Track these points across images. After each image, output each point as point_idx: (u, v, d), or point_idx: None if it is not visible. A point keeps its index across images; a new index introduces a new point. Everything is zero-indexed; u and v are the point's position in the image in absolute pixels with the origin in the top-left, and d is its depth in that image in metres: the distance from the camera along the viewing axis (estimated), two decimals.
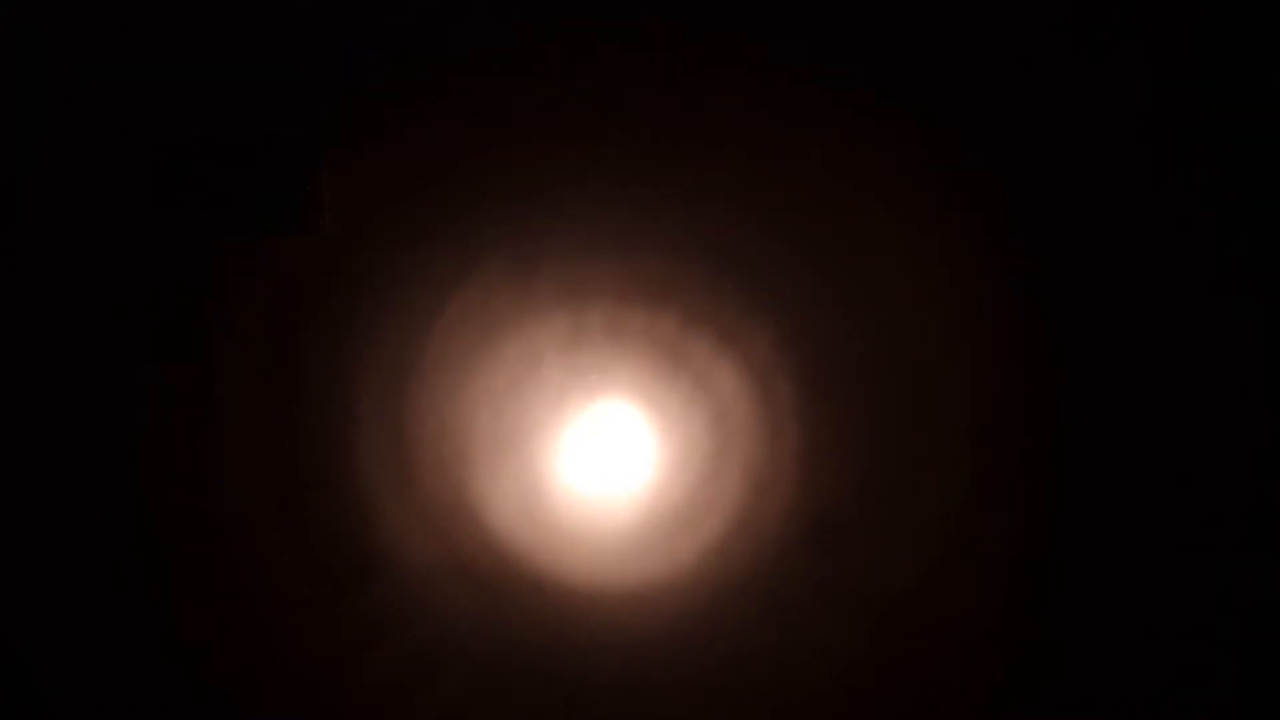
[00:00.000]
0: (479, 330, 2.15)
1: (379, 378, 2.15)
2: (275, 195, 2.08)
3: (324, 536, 2.15)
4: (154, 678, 2.15)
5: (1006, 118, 2.07)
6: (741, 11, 2.07)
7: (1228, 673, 2.07)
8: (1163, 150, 2.05)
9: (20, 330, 2.12)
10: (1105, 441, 2.07)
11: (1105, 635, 2.08)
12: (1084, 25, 2.05)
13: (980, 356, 2.08)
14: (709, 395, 2.15)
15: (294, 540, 2.15)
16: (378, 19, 2.08)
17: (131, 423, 2.12)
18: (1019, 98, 2.06)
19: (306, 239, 2.10)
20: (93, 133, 2.09)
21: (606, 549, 2.16)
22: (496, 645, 2.16)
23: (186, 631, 2.15)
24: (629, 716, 2.15)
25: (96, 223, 2.10)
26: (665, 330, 2.14)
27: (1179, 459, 2.07)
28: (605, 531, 2.17)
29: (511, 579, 2.16)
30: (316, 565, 2.15)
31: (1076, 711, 2.09)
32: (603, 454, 2.18)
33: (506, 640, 2.16)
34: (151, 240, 2.09)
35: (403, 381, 2.15)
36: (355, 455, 2.15)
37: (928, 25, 2.06)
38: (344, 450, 2.15)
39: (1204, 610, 2.07)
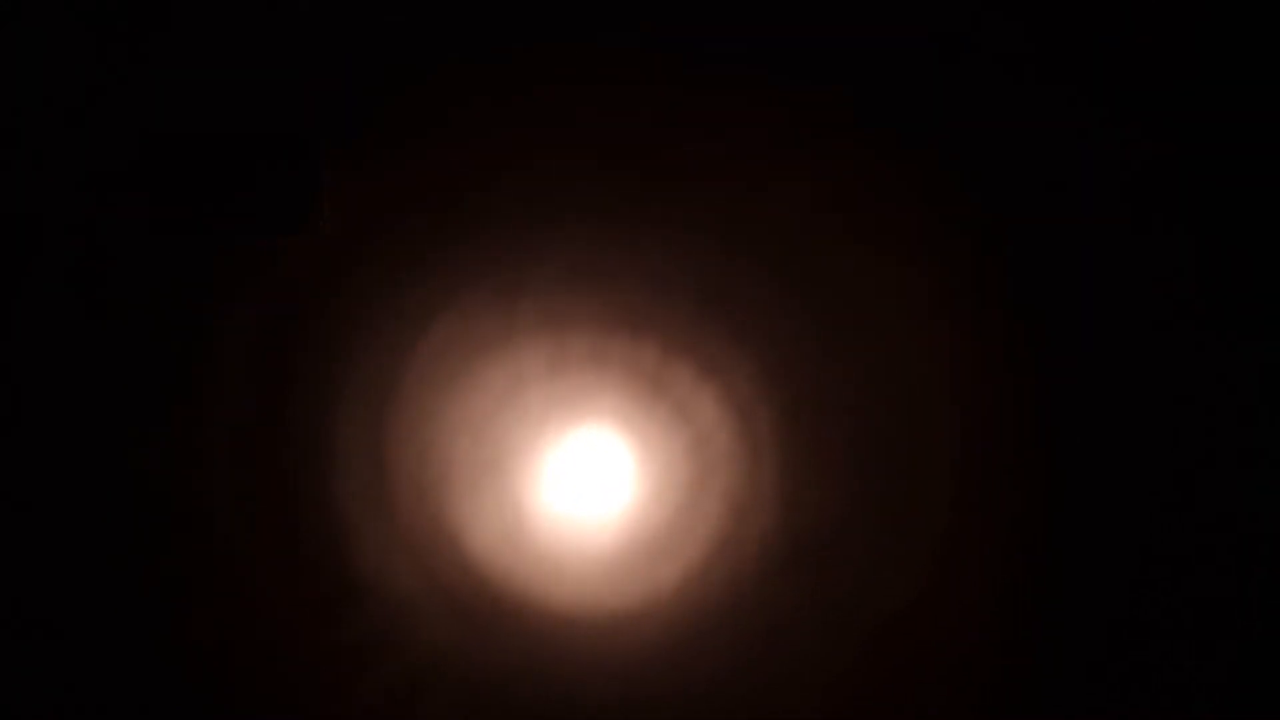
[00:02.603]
0: (461, 356, 2.12)
1: (360, 404, 2.08)
2: (275, 196, 2.02)
3: (306, 562, 2.03)
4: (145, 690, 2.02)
5: (991, 153, 2.15)
6: (730, 46, 2.14)
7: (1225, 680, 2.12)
8: (1148, 184, 2.15)
9: (20, 330, 2.03)
10: (1087, 464, 2.14)
11: (1092, 656, 2.13)
12: (1073, 63, 2.15)
13: (961, 384, 2.16)
14: (689, 423, 2.19)
15: (276, 566, 2.02)
16: (378, 19, 2.07)
17: (130, 422, 2.02)
18: (1004, 133, 2.15)
19: (305, 240, 2.04)
20: (92, 133, 2.02)
21: (588, 574, 2.14)
22: (478, 671, 2.08)
23: (177, 648, 2.02)
24: None
25: (95, 222, 2.03)
26: (646, 359, 2.18)
27: (1165, 486, 2.13)
28: (586, 557, 2.15)
29: (493, 604, 2.10)
30: (299, 592, 2.03)
31: None
32: (584, 480, 2.17)
33: (488, 666, 2.08)
34: (151, 240, 2.03)
35: (384, 406, 2.09)
36: (336, 482, 2.06)
37: (914, 62, 2.15)
38: (325, 477, 2.06)
39: (1191, 630, 2.13)
